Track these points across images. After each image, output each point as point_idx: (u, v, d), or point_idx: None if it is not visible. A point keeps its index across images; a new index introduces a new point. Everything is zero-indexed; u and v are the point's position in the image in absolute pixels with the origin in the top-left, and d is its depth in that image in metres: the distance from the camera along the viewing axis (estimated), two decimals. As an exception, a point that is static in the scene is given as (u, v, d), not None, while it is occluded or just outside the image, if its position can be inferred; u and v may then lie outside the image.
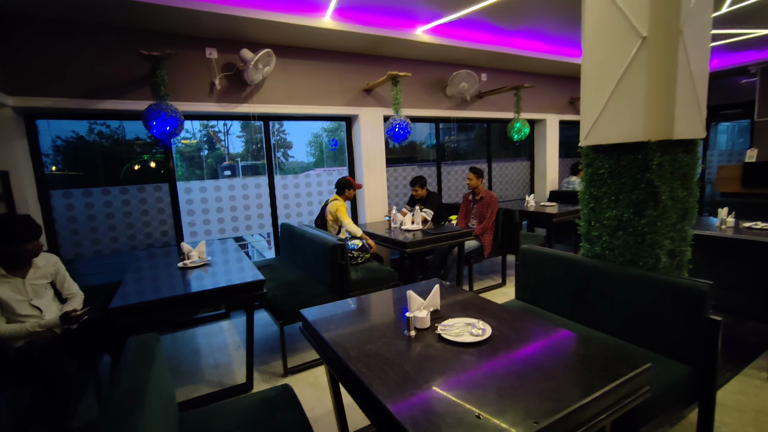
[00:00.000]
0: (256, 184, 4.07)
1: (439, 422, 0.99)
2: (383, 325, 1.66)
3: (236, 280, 2.37)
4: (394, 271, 3.29)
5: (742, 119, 6.86)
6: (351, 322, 1.73)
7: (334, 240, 2.87)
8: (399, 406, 1.06)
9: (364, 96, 4.37)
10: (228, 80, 3.63)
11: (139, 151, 4.27)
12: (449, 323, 1.59)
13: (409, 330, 1.54)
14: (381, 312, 1.84)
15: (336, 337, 1.56)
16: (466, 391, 1.14)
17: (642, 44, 1.69)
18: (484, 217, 4.01)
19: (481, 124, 5.70)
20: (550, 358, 1.31)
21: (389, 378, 1.23)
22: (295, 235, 3.54)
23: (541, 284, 2.35)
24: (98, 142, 4.16)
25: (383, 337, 1.54)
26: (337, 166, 5.05)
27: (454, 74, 4.58)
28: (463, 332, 1.50)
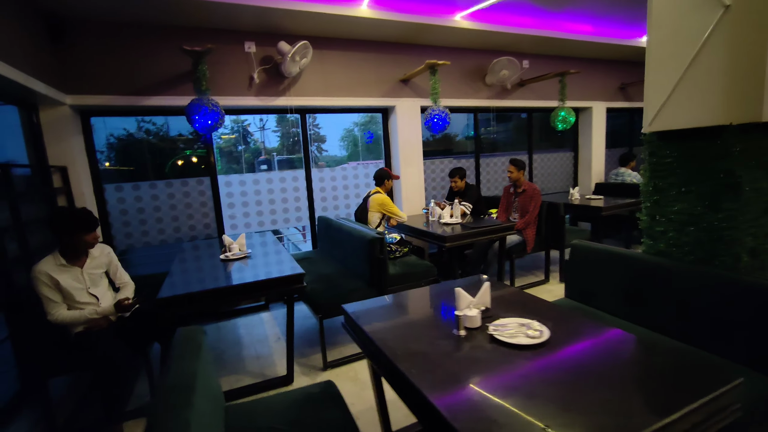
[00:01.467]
0: (294, 177, 4.09)
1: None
2: (428, 323, 1.60)
3: (276, 273, 2.37)
4: (433, 265, 3.20)
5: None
6: (395, 319, 1.68)
7: (372, 233, 2.82)
8: (456, 415, 0.99)
9: (400, 87, 4.27)
10: (266, 74, 3.65)
11: (182, 147, 4.40)
12: (501, 323, 1.49)
13: (459, 329, 1.46)
14: (424, 309, 1.76)
15: (380, 333, 1.50)
16: (525, 400, 1.05)
17: (724, 14, 1.50)
18: (527, 211, 3.83)
19: (520, 114, 5.45)
20: (615, 366, 1.19)
21: (440, 380, 1.16)
22: (332, 228, 3.52)
23: (593, 282, 2.19)
24: (146, 138, 4.32)
25: (429, 336, 1.47)
26: (372, 159, 4.99)
27: (495, 61, 4.38)
28: (517, 333, 1.40)
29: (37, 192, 2.70)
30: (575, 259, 2.27)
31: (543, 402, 1.04)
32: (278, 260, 2.80)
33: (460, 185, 4.19)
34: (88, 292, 2.18)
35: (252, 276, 2.39)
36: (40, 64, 2.65)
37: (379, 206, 3.58)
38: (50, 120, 2.93)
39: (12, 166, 2.38)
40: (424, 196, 4.56)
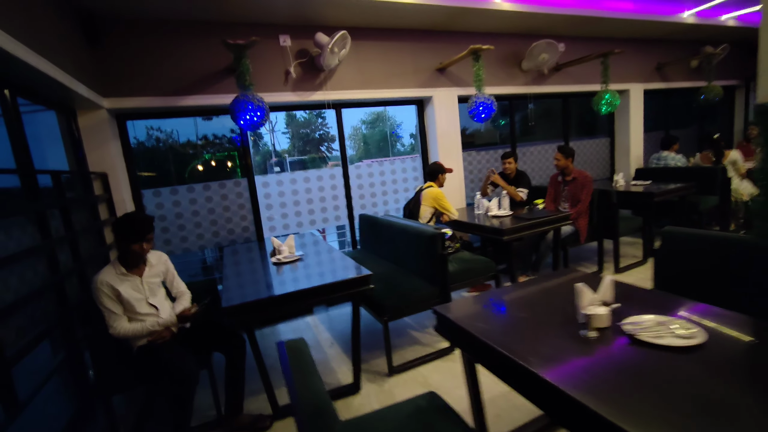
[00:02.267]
0: (331, 176, 3.95)
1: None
2: (543, 323, 1.44)
3: (342, 276, 2.22)
4: (491, 260, 3.04)
5: None
6: (502, 320, 1.52)
7: (431, 229, 2.67)
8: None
9: (437, 76, 4.10)
10: (302, 68, 3.50)
11: (213, 149, 4.28)
12: (634, 321, 1.33)
13: (589, 329, 1.30)
14: (529, 307, 1.60)
15: (494, 337, 1.35)
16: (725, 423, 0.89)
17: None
18: (578, 200, 3.64)
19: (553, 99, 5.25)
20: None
21: (605, 392, 1.01)
22: (380, 226, 3.37)
23: (689, 272, 2.00)
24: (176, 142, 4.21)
25: (552, 338, 1.32)
26: (380, 157, 4.77)
27: (534, 45, 4.19)
28: (662, 333, 1.24)
29: (81, 200, 2.59)
30: (668, 248, 2.09)
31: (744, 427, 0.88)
32: (333, 261, 2.66)
33: (513, 168, 4.07)
34: (148, 303, 2.06)
35: (318, 279, 2.24)
36: (80, 65, 2.53)
37: (433, 200, 3.42)
38: (89, 125, 2.82)
39: (61, 172, 2.26)
40: (464, 191, 4.40)
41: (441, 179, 3.60)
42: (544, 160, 5.19)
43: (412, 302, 2.56)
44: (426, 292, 2.59)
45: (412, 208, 3.54)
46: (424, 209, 3.48)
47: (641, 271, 3.77)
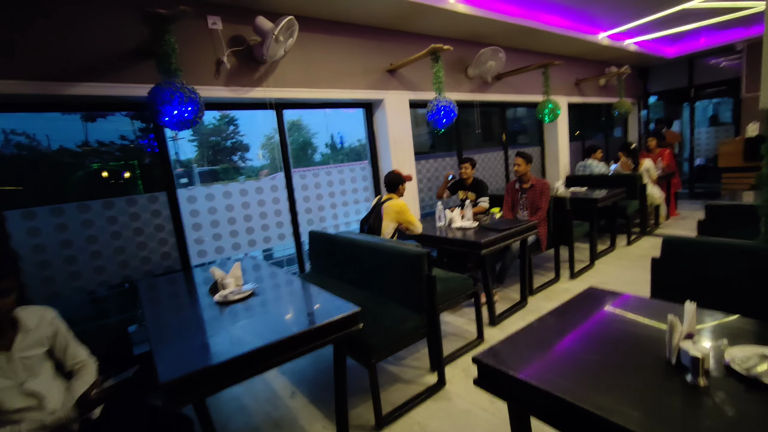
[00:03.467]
0: (272, 187, 3.35)
1: None
2: (623, 365, 1.15)
3: (322, 317, 1.72)
4: (468, 277, 2.77)
5: (726, 96, 7.10)
6: (571, 366, 1.20)
7: (413, 248, 2.30)
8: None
9: (387, 78, 3.79)
10: (237, 58, 2.90)
11: (103, 158, 3.38)
12: (736, 355, 1.10)
13: (698, 376, 1.04)
14: (593, 343, 1.31)
15: (577, 392, 1.03)
16: None
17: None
18: (537, 207, 3.60)
19: (491, 108, 5.32)
20: None
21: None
22: (339, 245, 2.89)
23: (695, 281, 1.93)
24: (48, 148, 3.22)
25: (654, 388, 1.03)
26: (302, 167, 4.32)
27: (482, 51, 4.13)
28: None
29: None
30: (669, 256, 2.01)
31: None
32: (298, 294, 2.13)
33: (470, 173, 3.94)
34: (23, 391, 1.33)
35: (290, 323, 1.71)
36: None
37: (396, 214, 3.04)
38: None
39: None
40: (418, 200, 4.12)
41: (401, 190, 3.26)
42: (487, 168, 5.20)
43: (401, 336, 2.14)
44: (413, 322, 2.20)
45: (373, 223, 3.13)
46: (387, 224, 3.10)
47: (593, 275, 3.87)
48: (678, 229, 5.14)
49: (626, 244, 4.71)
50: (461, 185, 4.06)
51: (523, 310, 3.23)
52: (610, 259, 4.27)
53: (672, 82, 7.23)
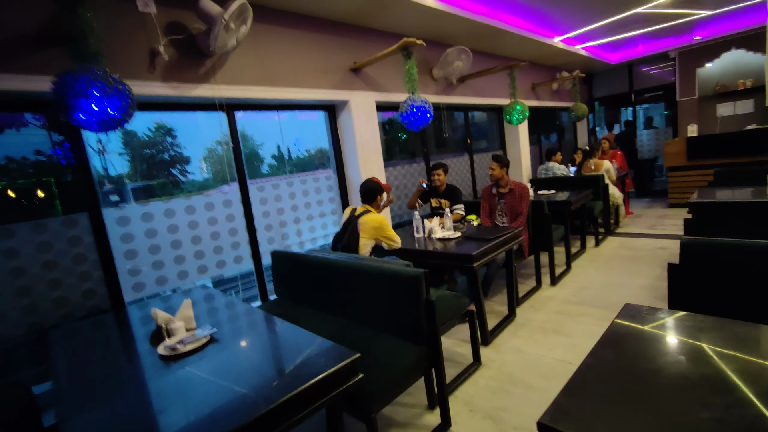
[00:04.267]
0: (225, 202, 2.85)
1: None
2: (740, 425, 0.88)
3: (309, 369, 1.32)
4: (463, 295, 2.48)
5: (662, 101, 7.59)
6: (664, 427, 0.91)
7: (408, 269, 1.96)
8: None
9: (352, 78, 3.45)
10: (177, 49, 2.41)
11: (31, 173, 2.74)
12: None
13: None
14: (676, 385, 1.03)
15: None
16: None
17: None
18: (517, 213, 3.43)
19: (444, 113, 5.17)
20: None
21: None
22: (311, 267, 2.47)
23: (722, 287, 1.77)
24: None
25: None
26: (257, 178, 3.91)
27: (448, 51, 3.93)
28: None
29: None
30: (690, 261, 1.84)
31: None
32: (268, 336, 1.70)
33: (443, 180, 3.68)
34: None
35: (266, 382, 1.28)
36: None
37: (374, 230, 2.69)
38: None
39: None
40: (389, 210, 3.80)
41: (379, 201, 2.92)
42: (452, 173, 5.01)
43: (402, 376, 1.78)
44: (412, 356, 1.85)
45: (348, 240, 2.75)
46: (364, 242, 2.74)
47: (573, 280, 3.76)
48: (637, 228, 5.28)
49: (595, 245, 4.72)
50: (434, 193, 3.80)
51: (513, 325, 3.00)
52: (583, 262, 4.22)
53: (614, 87, 7.62)
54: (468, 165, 5.24)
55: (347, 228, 2.81)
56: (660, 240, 4.60)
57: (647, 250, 4.31)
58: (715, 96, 6.49)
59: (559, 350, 2.56)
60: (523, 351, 2.61)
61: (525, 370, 2.38)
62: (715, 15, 5.19)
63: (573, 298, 3.34)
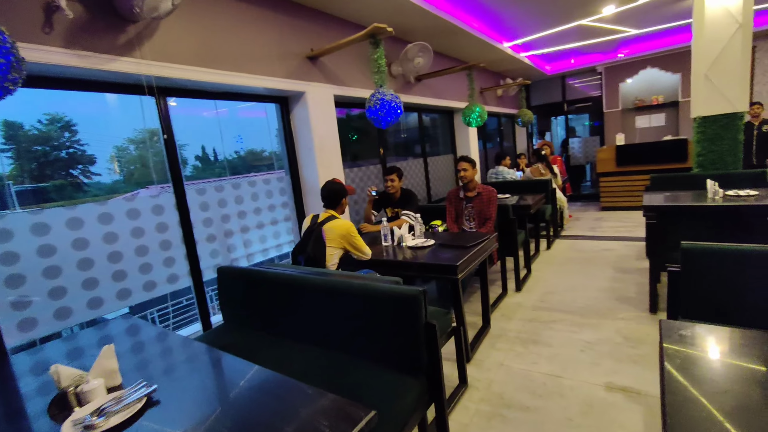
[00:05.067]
0: (155, 208, 2.28)
1: None
2: None
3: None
4: (448, 311, 2.21)
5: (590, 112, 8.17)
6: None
7: (397, 286, 1.64)
8: None
9: (308, 67, 3.05)
10: (87, 7, 1.84)
11: None
12: None
13: None
14: None
15: None
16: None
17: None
18: (486, 217, 3.29)
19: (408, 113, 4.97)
20: None
21: None
22: (270, 285, 2.03)
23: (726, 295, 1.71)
24: None
25: None
26: (164, 183, 3.39)
27: (409, 46, 3.70)
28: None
29: None
30: (692, 268, 1.76)
31: None
32: (220, 384, 1.26)
33: (397, 186, 3.34)
34: None
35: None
36: None
37: (342, 238, 2.32)
38: None
39: None
40: (348, 214, 3.44)
41: (344, 204, 2.57)
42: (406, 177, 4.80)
43: (401, 422, 1.45)
44: (411, 394, 1.53)
45: (313, 251, 2.35)
46: (332, 252, 2.36)
47: (535, 284, 3.72)
48: (580, 230, 5.52)
49: (547, 248, 4.80)
50: (388, 201, 3.44)
51: (490, 337, 2.82)
52: (540, 265, 4.23)
53: (549, 97, 8.05)
54: (422, 168, 5.06)
55: (310, 237, 2.41)
56: (603, 242, 4.82)
57: (594, 252, 4.47)
58: (634, 109, 7.13)
59: (543, 363, 2.41)
60: (507, 366, 2.43)
61: (515, 389, 2.19)
62: (637, 35, 5.65)
63: (541, 303, 3.27)
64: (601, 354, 2.42)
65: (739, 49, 3.77)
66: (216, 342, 2.03)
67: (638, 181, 6.09)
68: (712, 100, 3.97)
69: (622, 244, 4.59)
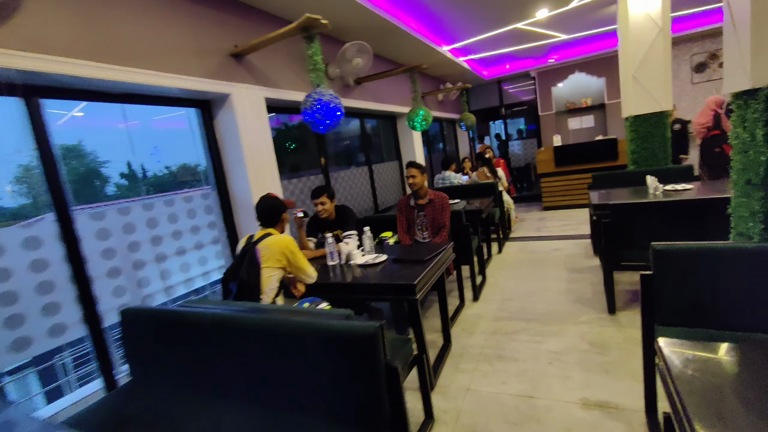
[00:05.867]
0: (27, 241, 1.77)
1: None
2: None
3: None
4: (409, 338, 1.93)
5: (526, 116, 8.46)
6: None
7: (348, 322, 1.34)
8: None
9: (233, 66, 2.66)
10: None
11: None
12: None
13: None
14: None
15: None
16: None
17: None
18: (439, 226, 3.08)
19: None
20: None
21: None
22: (197, 329, 1.62)
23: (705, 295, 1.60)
24: None
25: None
26: (83, 204, 2.86)
27: (347, 46, 3.43)
28: None
29: None
30: (666, 270, 1.64)
31: None
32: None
33: (330, 208, 2.92)
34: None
35: None
36: None
37: (281, 256, 1.97)
38: None
39: None
40: (288, 230, 3.06)
41: (285, 222, 2.22)
42: (348, 188, 4.51)
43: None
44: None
45: (247, 275, 1.96)
46: (269, 274, 1.99)
47: (492, 291, 3.58)
48: (526, 231, 5.57)
49: (498, 252, 4.74)
50: (322, 225, 2.98)
51: (452, 356, 2.59)
52: (494, 271, 4.13)
53: (486, 101, 8.22)
54: (368, 177, 4.80)
55: (244, 259, 2.02)
56: (551, 242, 4.86)
57: (545, 253, 4.47)
58: (566, 111, 7.47)
59: (513, 382, 2.22)
60: (475, 390, 2.20)
61: (487, 419, 1.96)
62: (566, 40, 5.90)
63: (501, 313, 3.11)
64: (569, 365, 2.28)
65: (661, 50, 3.96)
66: (118, 410, 1.57)
67: (576, 180, 6.33)
68: (641, 99, 4.14)
69: (570, 243, 4.65)
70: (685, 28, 6.31)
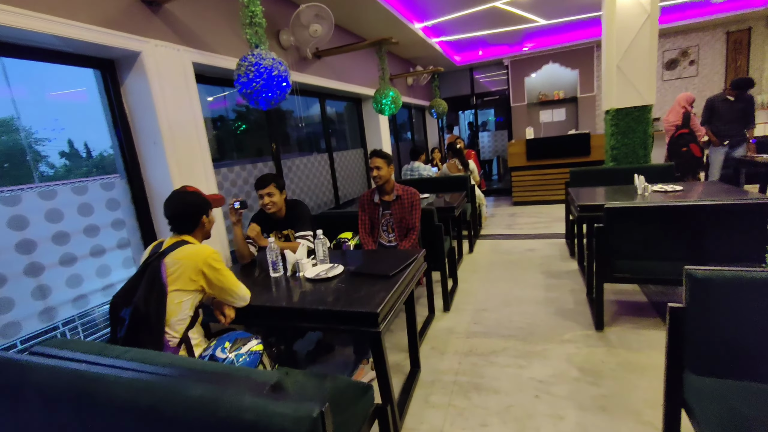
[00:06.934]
0: None
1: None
2: None
3: None
4: (369, 384, 1.46)
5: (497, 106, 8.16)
6: None
7: (274, 400, 0.84)
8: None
9: (147, 16, 2.03)
10: None
11: None
12: None
13: None
14: None
15: None
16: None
17: None
18: (408, 227, 2.63)
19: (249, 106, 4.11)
20: None
21: None
22: (48, 399, 1.06)
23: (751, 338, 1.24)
24: None
25: None
26: (10, 185, 2.22)
27: (302, 8, 2.85)
28: None
29: None
30: (704, 303, 1.26)
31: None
32: None
33: (279, 202, 2.38)
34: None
35: None
36: None
37: (196, 274, 1.44)
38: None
39: None
40: (225, 240, 2.49)
41: (207, 226, 1.67)
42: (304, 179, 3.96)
43: None
44: None
45: (144, 301, 1.41)
46: (178, 299, 1.45)
47: (465, 299, 3.19)
48: (497, 228, 5.26)
49: (469, 252, 4.38)
50: (270, 222, 2.45)
51: (422, 386, 2.16)
52: (466, 274, 3.76)
53: (457, 89, 7.83)
54: (328, 166, 4.26)
55: (143, 276, 1.47)
56: (524, 241, 4.56)
57: (518, 253, 4.15)
58: (538, 103, 7.22)
59: (495, 423, 1.82)
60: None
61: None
62: (543, 26, 5.57)
63: (475, 327, 2.73)
64: (559, 399, 1.92)
65: (648, 39, 3.68)
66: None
67: (549, 175, 6.10)
68: (624, 92, 3.86)
69: (544, 243, 4.36)
70: (659, 22, 6.17)
